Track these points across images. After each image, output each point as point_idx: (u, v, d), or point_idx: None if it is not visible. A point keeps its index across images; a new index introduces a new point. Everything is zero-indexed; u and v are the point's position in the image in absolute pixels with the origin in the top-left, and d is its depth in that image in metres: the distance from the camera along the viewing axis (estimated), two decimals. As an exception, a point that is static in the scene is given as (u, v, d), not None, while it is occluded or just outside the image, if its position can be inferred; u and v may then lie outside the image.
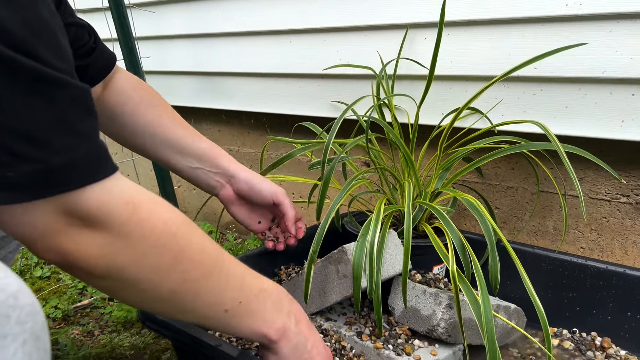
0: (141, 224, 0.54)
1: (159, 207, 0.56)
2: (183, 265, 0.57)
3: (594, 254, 1.06)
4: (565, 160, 0.84)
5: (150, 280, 0.56)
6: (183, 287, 0.58)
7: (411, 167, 1.00)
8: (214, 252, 0.61)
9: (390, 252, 0.92)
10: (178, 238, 0.57)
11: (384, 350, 0.88)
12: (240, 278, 0.64)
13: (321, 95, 1.32)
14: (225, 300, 0.62)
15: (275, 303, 0.68)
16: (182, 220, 0.58)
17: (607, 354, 0.94)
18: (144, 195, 0.55)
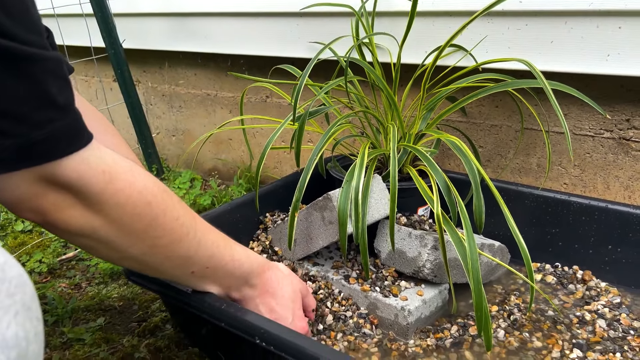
0: (116, 194, 0.56)
1: (136, 176, 0.59)
2: (155, 232, 0.61)
3: (577, 189, 1.07)
4: (552, 98, 0.83)
5: (123, 243, 0.60)
6: (153, 251, 0.62)
7: (394, 109, 0.98)
8: (187, 221, 0.65)
9: (375, 197, 0.92)
10: (152, 207, 0.60)
11: (372, 293, 0.89)
12: (211, 247, 0.68)
13: (300, 36, 1.27)
14: (193, 266, 0.68)
15: (243, 274, 0.74)
16: (159, 189, 0.61)
17: (588, 286, 0.96)
18: (121, 166, 0.57)
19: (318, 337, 0.87)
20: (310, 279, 0.95)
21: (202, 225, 0.67)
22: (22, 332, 0.41)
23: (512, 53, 0.98)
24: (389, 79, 1.04)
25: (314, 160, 0.87)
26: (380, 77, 0.97)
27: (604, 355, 0.80)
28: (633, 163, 0.99)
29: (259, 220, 1.10)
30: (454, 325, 0.89)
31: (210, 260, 0.69)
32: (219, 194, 1.55)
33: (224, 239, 0.71)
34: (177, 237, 0.63)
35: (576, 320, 0.88)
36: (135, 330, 1.01)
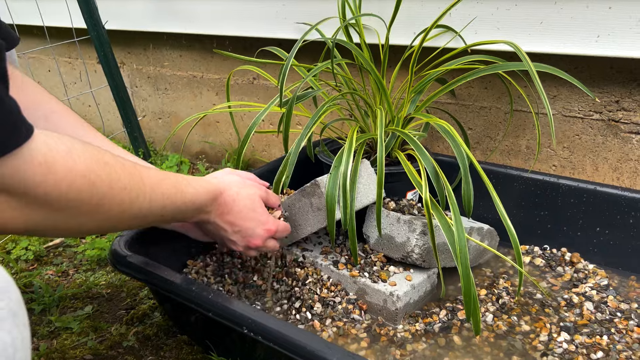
0: (58, 184, 0.53)
1: (76, 159, 0.54)
2: (104, 208, 0.59)
3: (566, 171, 1.07)
4: (537, 81, 0.82)
5: (74, 225, 0.58)
6: (107, 222, 0.61)
7: (383, 92, 0.96)
8: (135, 185, 0.63)
9: (363, 182, 0.91)
10: (98, 186, 0.57)
11: (360, 278, 0.89)
12: (162, 200, 0.68)
13: (287, 16, 1.24)
14: (148, 218, 0.68)
15: (197, 209, 0.75)
16: (101, 163, 0.58)
17: (576, 268, 0.96)
18: (59, 151, 0.53)
19: (307, 324, 0.87)
20: (299, 265, 0.95)
21: (150, 181, 0.66)
22: (9, 338, 0.40)
23: (501, 34, 0.96)
24: (377, 60, 1.02)
25: (300, 144, 0.86)
26: (368, 60, 0.95)
27: (591, 338, 0.80)
28: (622, 145, 0.98)
29: (246, 206, 1.08)
30: (443, 309, 0.89)
31: (164, 210, 0.69)
32: (207, 178, 1.53)
33: (175, 186, 0.70)
34: (127, 204, 0.62)
35: (564, 303, 0.88)
36: (123, 318, 1.00)
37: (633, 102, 0.94)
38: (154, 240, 0.90)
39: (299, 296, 0.90)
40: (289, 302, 0.91)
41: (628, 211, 0.93)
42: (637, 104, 0.94)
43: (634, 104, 0.94)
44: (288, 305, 0.90)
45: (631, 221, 0.93)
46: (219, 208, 0.79)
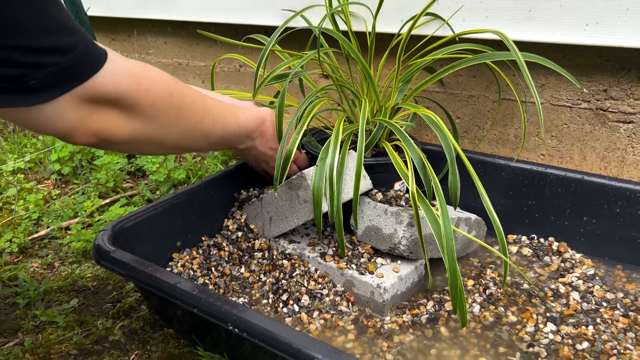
0: (147, 93, 0.65)
1: (153, 73, 0.67)
2: (182, 118, 0.72)
3: (554, 160, 1.06)
4: (525, 72, 0.81)
5: (161, 135, 0.71)
6: (185, 134, 0.75)
7: (370, 82, 0.95)
8: (200, 100, 0.76)
9: (350, 174, 0.90)
10: (174, 97, 0.70)
11: (348, 270, 0.89)
12: (222, 121, 0.83)
13: (272, 2, 1.22)
14: (211, 137, 0.82)
15: (246, 133, 0.90)
16: (171, 79, 0.71)
17: (563, 258, 0.97)
18: (138, 65, 0.65)
19: (294, 316, 0.86)
20: (286, 257, 0.94)
21: (210, 102, 0.80)
22: None
23: (490, 22, 0.95)
24: (364, 48, 1.01)
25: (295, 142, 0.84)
26: (355, 49, 0.94)
27: (577, 328, 0.80)
28: (609, 134, 0.98)
29: (233, 197, 1.07)
30: (430, 300, 0.89)
31: (224, 131, 0.83)
32: (194, 167, 1.52)
33: (229, 110, 0.85)
34: (198, 118, 0.75)
35: (551, 293, 0.88)
36: (109, 312, 0.99)
37: (621, 90, 0.94)
38: (138, 235, 0.89)
39: (286, 288, 0.90)
40: (276, 295, 0.90)
41: (615, 200, 0.93)
42: (625, 93, 0.94)
43: (622, 93, 0.94)
44: (275, 298, 0.90)
45: (618, 210, 0.93)
46: (262, 135, 0.93)
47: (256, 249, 0.98)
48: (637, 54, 0.89)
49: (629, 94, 0.93)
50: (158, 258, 0.94)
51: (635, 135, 0.95)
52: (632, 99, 0.93)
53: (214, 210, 1.04)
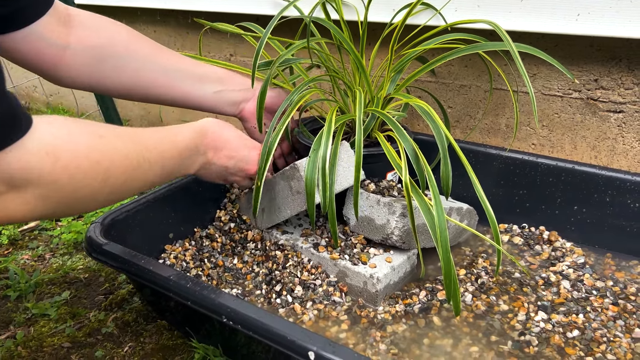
0: (66, 169, 0.55)
1: (77, 140, 0.57)
2: (112, 180, 0.62)
3: (545, 149, 1.07)
4: (518, 62, 0.81)
5: (83, 203, 0.61)
6: (115, 193, 0.65)
7: (362, 72, 0.95)
8: (134, 150, 0.66)
9: (343, 165, 0.90)
10: (101, 163, 0.60)
11: (341, 261, 0.89)
12: (160, 157, 0.71)
13: (263, -9, 1.21)
14: (151, 179, 0.71)
15: (192, 153, 0.79)
16: (97, 140, 0.60)
17: (554, 246, 0.97)
18: (60, 137, 0.55)
19: (287, 307, 0.86)
20: (279, 248, 0.94)
21: (146, 142, 0.69)
22: None
23: (482, 11, 0.95)
24: (356, 38, 1.00)
25: (280, 130, 0.84)
26: (347, 39, 0.93)
27: (567, 316, 0.81)
28: (600, 123, 0.99)
29: (225, 188, 1.07)
30: (423, 290, 0.89)
31: (164, 169, 0.73)
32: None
33: (167, 138, 0.74)
34: (131, 172, 0.65)
35: (542, 281, 0.89)
36: (102, 304, 0.99)
37: (612, 80, 0.94)
38: (130, 227, 0.89)
39: (279, 279, 0.90)
40: (269, 286, 0.90)
41: (605, 189, 0.94)
42: (615, 83, 0.94)
43: (613, 83, 0.94)
44: (268, 289, 0.90)
45: (607, 199, 0.94)
46: (211, 144, 0.82)
47: (249, 240, 0.98)
48: (628, 44, 0.90)
49: (620, 84, 0.94)
50: (150, 250, 0.94)
51: (625, 124, 0.96)
52: (622, 89, 0.94)
53: (206, 202, 1.04)
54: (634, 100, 0.94)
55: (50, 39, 0.80)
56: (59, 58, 0.83)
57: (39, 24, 0.78)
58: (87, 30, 0.85)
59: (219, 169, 0.85)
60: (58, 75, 0.86)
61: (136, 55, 0.90)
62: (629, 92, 0.93)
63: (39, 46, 0.80)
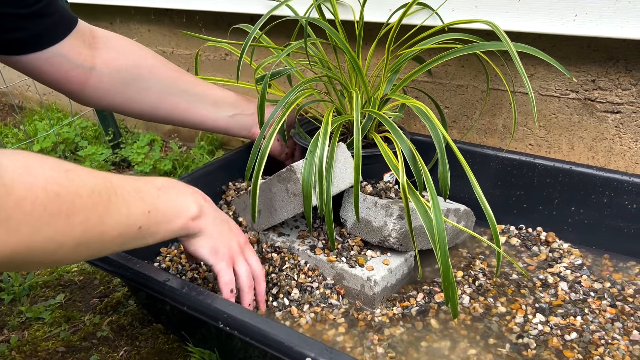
0: (20, 203, 0.47)
1: (33, 171, 0.50)
2: (78, 218, 0.53)
3: (542, 150, 1.06)
4: (517, 61, 0.81)
5: (50, 249, 0.51)
6: (87, 236, 0.54)
7: (358, 73, 0.94)
8: (102, 186, 0.57)
9: (340, 167, 0.89)
10: (63, 196, 0.51)
11: (338, 263, 0.88)
12: (136, 192, 0.61)
13: (258, -10, 1.20)
14: (134, 220, 0.60)
15: (178, 192, 0.69)
16: (57, 171, 0.52)
17: (552, 247, 0.97)
18: (13, 169, 0.48)
19: (284, 311, 0.86)
20: (275, 251, 0.94)
21: (116, 179, 0.60)
22: None
23: (479, 11, 0.94)
24: (352, 37, 0.99)
25: (273, 134, 0.83)
26: (343, 40, 0.92)
27: (565, 319, 0.81)
28: (597, 124, 0.98)
29: (221, 190, 1.06)
30: (420, 292, 0.89)
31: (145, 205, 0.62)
32: (180, 157, 1.50)
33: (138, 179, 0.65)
34: (103, 209, 0.56)
35: (539, 283, 0.89)
36: (97, 307, 0.98)
37: (609, 81, 0.94)
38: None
39: (276, 282, 0.89)
40: (265, 289, 0.89)
41: (602, 190, 0.93)
42: (613, 83, 0.94)
43: (610, 83, 0.94)
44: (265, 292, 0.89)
45: (605, 200, 0.93)
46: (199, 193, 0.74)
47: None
48: (626, 45, 0.89)
49: (617, 84, 0.93)
50: (145, 252, 0.93)
51: (623, 125, 0.96)
52: (619, 89, 0.94)
53: (201, 203, 1.03)
54: (632, 100, 0.93)
55: (76, 60, 0.83)
56: (85, 79, 0.86)
57: (63, 46, 0.82)
58: (113, 52, 0.88)
59: (214, 212, 0.74)
60: (84, 96, 0.89)
61: (160, 78, 0.93)
62: (627, 92, 0.93)
63: (65, 68, 0.83)
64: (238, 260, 0.76)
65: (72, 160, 1.55)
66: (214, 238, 0.73)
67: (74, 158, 1.57)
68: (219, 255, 0.73)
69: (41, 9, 0.77)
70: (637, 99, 0.93)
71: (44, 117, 1.87)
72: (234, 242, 0.76)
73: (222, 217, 0.76)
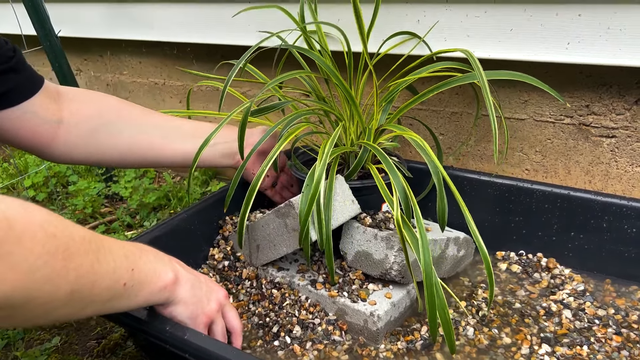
0: (20, 239, 0.48)
1: (31, 212, 0.51)
2: (73, 262, 0.53)
3: (539, 174, 1.07)
4: (486, 90, 0.80)
5: (47, 291, 0.51)
6: (80, 282, 0.55)
7: (352, 103, 0.94)
8: (91, 236, 0.58)
9: (339, 200, 0.88)
10: (59, 237, 0.52)
11: (340, 298, 0.87)
12: (120, 249, 0.62)
13: (249, 22, 1.20)
14: (120, 276, 0.61)
15: (157, 257, 0.70)
16: (51, 215, 0.54)
17: (553, 274, 0.97)
18: (14, 208, 0.49)
19: (287, 349, 0.84)
20: (275, 287, 0.92)
21: (100, 235, 0.61)
22: None
23: (471, 41, 0.95)
24: (342, 66, 0.99)
25: (265, 168, 0.83)
26: (335, 71, 0.92)
27: (572, 349, 0.80)
28: (593, 148, 0.99)
29: (218, 225, 1.05)
30: (423, 325, 0.88)
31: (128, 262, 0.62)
32: (174, 189, 1.49)
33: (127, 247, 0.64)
34: (94, 256, 0.56)
35: (543, 312, 0.88)
36: (94, 350, 0.96)
37: (603, 106, 0.95)
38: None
39: (276, 320, 0.88)
40: (266, 328, 0.88)
41: (601, 215, 0.93)
42: (606, 108, 0.94)
43: (604, 108, 0.95)
44: (266, 331, 0.88)
45: (604, 225, 0.93)
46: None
47: (244, 278, 0.96)
48: (618, 71, 0.90)
49: (611, 109, 0.94)
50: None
51: (618, 149, 0.96)
52: (614, 114, 0.94)
53: (198, 240, 1.02)
54: (626, 125, 0.94)
55: (44, 116, 0.84)
56: (53, 134, 0.86)
57: (34, 102, 0.83)
58: (77, 103, 0.88)
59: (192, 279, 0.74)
60: (54, 151, 0.88)
61: (128, 120, 0.92)
62: (621, 117, 0.94)
63: (34, 124, 0.83)
64: (215, 320, 0.76)
65: (64, 195, 1.53)
66: (191, 304, 0.72)
67: (66, 192, 1.55)
68: (197, 321, 0.73)
69: (16, 64, 0.79)
70: (631, 123, 0.93)
71: (35, 150, 1.85)
72: (212, 303, 0.76)
73: (198, 280, 0.75)
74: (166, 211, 1.41)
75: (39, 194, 1.52)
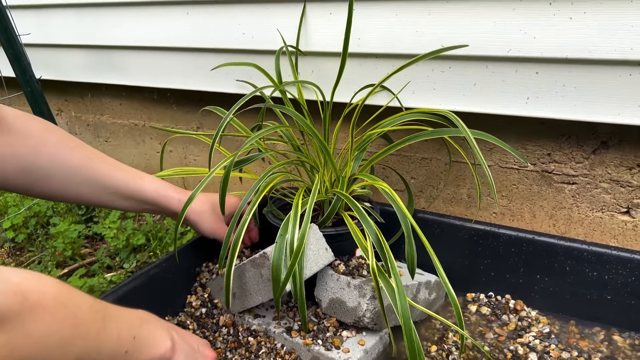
0: (34, 309, 0.52)
1: (42, 283, 0.55)
2: (81, 330, 0.58)
3: (506, 218, 1.11)
4: (474, 147, 0.85)
5: (57, 357, 0.56)
6: (87, 349, 0.59)
7: (326, 154, 0.98)
8: (98, 305, 0.63)
9: (312, 248, 0.91)
10: (68, 307, 0.57)
11: (314, 346, 0.89)
12: (124, 317, 0.68)
13: (228, 71, 1.24)
14: (122, 343, 0.65)
15: (157, 325, 0.74)
16: (62, 286, 0.59)
17: (520, 316, 1.00)
18: (27, 278, 0.54)
19: (262, 398, 0.86)
20: (251, 334, 0.94)
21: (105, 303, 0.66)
22: None
23: (437, 94, 1.00)
24: (317, 115, 1.03)
25: (246, 220, 0.86)
26: (311, 127, 0.96)
27: (537, 393, 0.83)
28: (555, 194, 1.03)
29: (195, 272, 1.07)
30: (396, 370, 0.90)
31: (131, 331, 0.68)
32: (154, 229, 1.51)
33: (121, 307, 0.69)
34: (100, 324, 0.61)
35: (510, 355, 0.91)
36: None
37: (563, 155, 0.99)
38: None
39: (253, 368, 0.90)
40: (243, 375, 0.90)
41: (564, 259, 0.97)
42: (567, 157, 0.99)
43: (564, 157, 1.00)
44: (242, 378, 0.89)
45: (567, 268, 0.97)
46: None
47: (221, 325, 0.98)
48: (575, 124, 0.95)
49: (571, 158, 0.99)
50: None
51: (579, 195, 1.01)
52: (574, 162, 0.99)
53: (176, 287, 1.03)
54: (585, 172, 0.99)
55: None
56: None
57: None
58: (14, 136, 0.83)
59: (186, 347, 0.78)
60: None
61: (63, 167, 0.88)
62: (580, 165, 0.99)
63: None
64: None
65: (43, 237, 1.54)
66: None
67: (45, 233, 1.56)
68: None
69: None
70: (590, 171, 0.98)
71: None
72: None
73: (192, 347, 0.80)
74: (145, 253, 1.42)
75: (18, 236, 1.53)
